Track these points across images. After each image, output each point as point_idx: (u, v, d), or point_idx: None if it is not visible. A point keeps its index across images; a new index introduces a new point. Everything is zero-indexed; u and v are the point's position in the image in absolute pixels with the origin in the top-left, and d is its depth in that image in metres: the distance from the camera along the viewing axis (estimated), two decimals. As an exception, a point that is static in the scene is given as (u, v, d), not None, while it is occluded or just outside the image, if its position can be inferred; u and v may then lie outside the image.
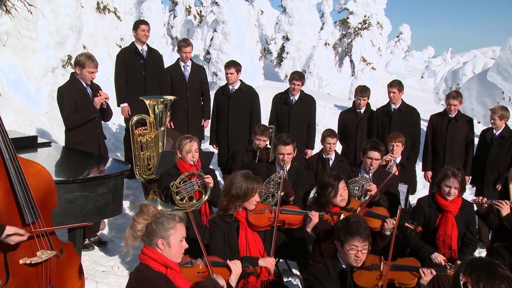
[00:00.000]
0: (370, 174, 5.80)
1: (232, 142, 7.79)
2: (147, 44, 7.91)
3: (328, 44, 31.46)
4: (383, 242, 4.87)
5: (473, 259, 2.58)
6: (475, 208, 5.31)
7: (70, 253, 4.06)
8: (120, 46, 11.30)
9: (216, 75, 18.65)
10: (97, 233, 6.41)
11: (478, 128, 15.59)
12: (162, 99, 6.46)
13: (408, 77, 41.77)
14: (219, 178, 8.67)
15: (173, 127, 7.53)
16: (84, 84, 6.22)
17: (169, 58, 31.81)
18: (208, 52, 19.46)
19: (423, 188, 9.00)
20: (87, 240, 6.18)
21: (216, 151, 8.03)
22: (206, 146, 9.36)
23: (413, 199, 8.27)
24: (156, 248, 3.34)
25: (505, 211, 5.07)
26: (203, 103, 8.21)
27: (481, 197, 5.31)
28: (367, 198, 5.47)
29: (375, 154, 5.79)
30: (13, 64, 7.90)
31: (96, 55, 10.70)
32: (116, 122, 9.79)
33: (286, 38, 27.64)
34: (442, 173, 5.11)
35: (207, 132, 8.48)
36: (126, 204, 7.20)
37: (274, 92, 11.75)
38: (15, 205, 3.66)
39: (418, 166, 8.02)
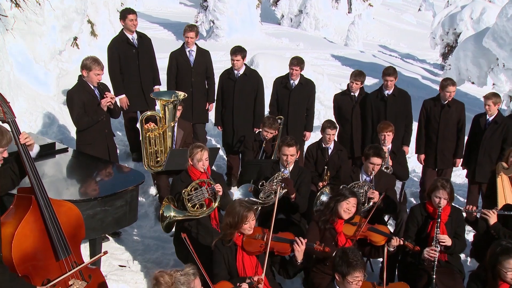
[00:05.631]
0: (371, 177, 6.19)
1: (237, 125, 8.16)
2: (136, 31, 8.03)
3: (326, -20, 30.89)
4: (383, 255, 5.37)
5: None
6: (464, 215, 5.76)
7: (98, 278, 4.52)
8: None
9: (213, 23, 18.60)
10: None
11: (470, 88, 15.95)
12: (172, 99, 6.74)
13: (405, 10, 41.20)
14: (222, 154, 9.08)
15: (177, 112, 7.82)
16: (92, 86, 6.51)
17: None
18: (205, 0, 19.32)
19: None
20: (102, 232, 6.61)
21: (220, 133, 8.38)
22: (211, 127, 9.64)
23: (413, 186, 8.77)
24: None
25: (492, 220, 5.47)
26: (208, 87, 8.46)
27: (470, 206, 5.73)
28: (370, 204, 5.91)
29: (377, 160, 6.12)
30: (21, 47, 8.09)
31: (97, 23, 10.96)
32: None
33: (284, -24, 27.18)
34: (432, 185, 5.50)
35: (211, 115, 8.78)
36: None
37: (274, 58, 12.02)
38: (49, 243, 4.10)
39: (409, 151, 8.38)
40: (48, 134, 7.77)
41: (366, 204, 5.95)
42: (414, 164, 9.26)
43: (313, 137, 8.83)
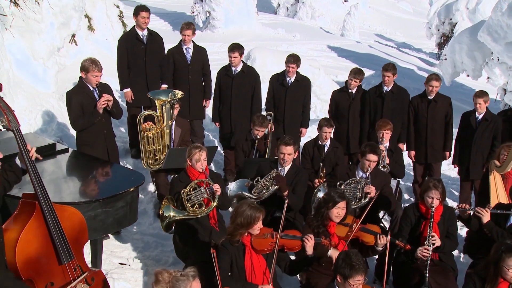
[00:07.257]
0: (368, 174, 6.32)
1: (235, 121, 8.26)
2: (147, 28, 8.16)
3: (321, -31, 30.77)
4: (374, 254, 5.59)
5: None
6: (457, 212, 5.89)
7: (100, 280, 4.64)
8: (117, 6, 11.38)
9: (210, 14, 18.59)
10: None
11: (465, 79, 16.02)
12: (169, 99, 6.82)
13: (401, -2, 41.21)
14: (220, 150, 9.17)
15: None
16: (91, 88, 6.55)
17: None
18: (202, -10, 19.29)
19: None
20: (102, 229, 6.71)
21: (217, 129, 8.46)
22: (208, 122, 9.71)
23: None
24: None
25: (485, 218, 5.58)
26: (204, 84, 8.54)
27: (464, 204, 5.85)
28: (367, 199, 6.06)
29: (373, 157, 6.27)
30: (20, 45, 8.17)
31: (94, 17, 10.99)
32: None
33: (279, -36, 27.11)
34: (424, 185, 5.65)
35: (208, 111, 8.87)
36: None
37: (271, 53, 12.08)
38: (52, 248, 4.22)
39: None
40: (47, 132, 7.85)
41: (363, 199, 6.09)
42: (409, 158, 9.39)
43: (309, 131, 8.93)
